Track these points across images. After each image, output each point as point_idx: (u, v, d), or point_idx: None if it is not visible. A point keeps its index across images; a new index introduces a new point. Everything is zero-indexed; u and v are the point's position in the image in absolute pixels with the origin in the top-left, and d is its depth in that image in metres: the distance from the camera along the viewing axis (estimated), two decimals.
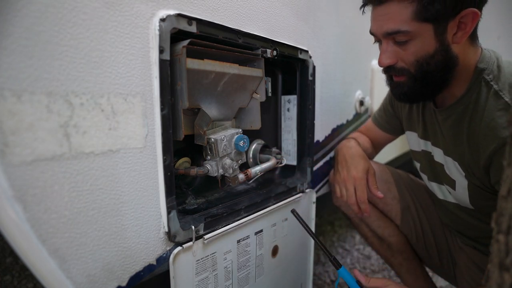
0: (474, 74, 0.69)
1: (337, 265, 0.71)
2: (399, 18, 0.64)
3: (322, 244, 0.73)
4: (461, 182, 0.75)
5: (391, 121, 1.02)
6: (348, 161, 0.87)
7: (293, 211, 0.77)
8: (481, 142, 0.67)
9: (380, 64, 0.73)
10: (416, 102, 0.84)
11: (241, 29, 0.66)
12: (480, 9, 0.63)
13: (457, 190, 0.78)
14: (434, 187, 0.89)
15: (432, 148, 0.84)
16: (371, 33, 0.73)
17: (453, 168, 0.77)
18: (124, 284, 0.50)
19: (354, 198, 0.83)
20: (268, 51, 0.74)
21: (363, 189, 0.83)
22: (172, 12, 0.52)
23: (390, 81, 0.78)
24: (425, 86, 0.71)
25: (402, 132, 1.03)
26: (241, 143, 0.72)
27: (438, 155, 0.81)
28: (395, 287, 0.70)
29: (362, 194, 0.83)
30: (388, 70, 0.75)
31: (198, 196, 0.75)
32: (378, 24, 0.69)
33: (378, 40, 0.74)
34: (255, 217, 0.74)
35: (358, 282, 0.70)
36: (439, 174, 0.84)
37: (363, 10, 0.73)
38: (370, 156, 1.07)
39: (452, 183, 0.79)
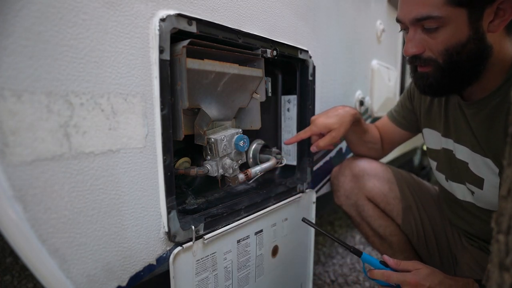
0: None
1: (359, 253, 0.71)
2: (431, 1, 0.59)
3: (339, 240, 0.74)
4: (491, 180, 0.70)
5: (407, 116, 0.98)
6: (330, 111, 0.88)
7: (304, 220, 0.79)
8: None
9: (405, 53, 0.68)
10: (441, 96, 0.79)
11: (241, 29, 0.66)
12: None
13: (485, 189, 0.73)
14: (453, 186, 0.85)
15: (454, 146, 0.79)
16: (398, 20, 0.68)
17: (482, 166, 0.71)
18: (124, 284, 0.50)
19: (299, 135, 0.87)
20: (268, 51, 0.74)
21: (306, 132, 0.86)
22: (172, 12, 0.52)
23: (414, 71, 0.72)
24: (453, 78, 0.66)
25: (418, 130, 0.99)
26: (241, 143, 0.72)
27: (462, 152, 0.76)
28: (426, 270, 0.66)
29: (303, 134, 0.86)
30: (413, 60, 0.69)
31: (198, 196, 0.75)
32: (407, 9, 0.64)
33: (404, 27, 0.69)
34: (255, 217, 0.74)
35: (385, 264, 0.70)
36: (460, 173, 0.80)
37: None
38: (374, 149, 1.05)
39: (479, 182, 0.74)
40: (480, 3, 0.58)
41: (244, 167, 0.80)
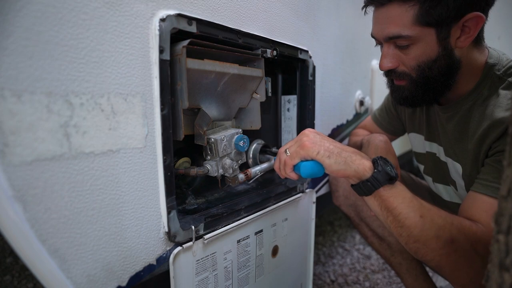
0: (484, 70, 0.67)
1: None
2: (400, 22, 0.63)
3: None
4: (460, 183, 0.75)
5: (393, 122, 1.01)
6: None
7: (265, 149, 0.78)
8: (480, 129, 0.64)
9: (381, 68, 0.72)
10: (417, 106, 0.83)
11: (241, 29, 0.66)
12: (486, 13, 0.62)
13: (458, 191, 0.77)
14: (439, 188, 0.87)
15: (438, 149, 0.83)
16: (372, 36, 0.72)
17: (452, 169, 0.76)
18: (124, 284, 0.50)
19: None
20: (268, 51, 0.74)
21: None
22: (172, 12, 0.52)
23: (391, 84, 0.76)
24: (426, 91, 0.69)
25: (403, 133, 1.02)
26: (241, 143, 0.72)
27: (443, 154, 0.80)
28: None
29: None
30: (389, 74, 0.73)
31: (198, 196, 0.75)
32: (379, 28, 0.67)
33: (379, 43, 0.73)
34: (255, 217, 0.74)
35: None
36: (445, 175, 0.82)
37: (365, 10, 0.72)
38: None
39: (454, 184, 0.78)
40: (446, 22, 0.61)
41: (244, 167, 0.80)
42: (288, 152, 0.61)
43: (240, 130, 0.74)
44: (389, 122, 1.02)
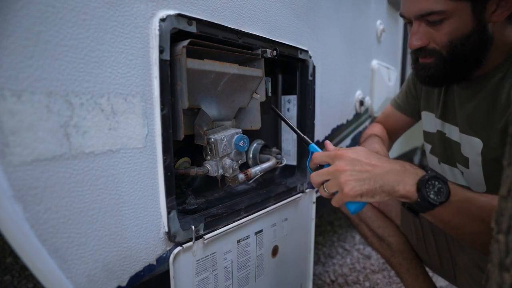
0: None
1: (307, 142, 0.68)
2: None
3: (294, 127, 0.73)
4: (475, 159, 0.72)
5: (411, 102, 0.98)
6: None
7: (272, 107, 0.80)
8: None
9: (410, 46, 0.69)
10: (440, 86, 0.80)
11: (241, 29, 0.66)
12: None
13: (470, 168, 0.74)
14: (445, 169, 0.85)
15: (450, 128, 0.80)
16: (401, 15, 0.69)
17: (467, 146, 0.73)
18: (124, 284, 0.50)
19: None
20: (268, 51, 0.74)
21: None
22: (172, 12, 0.52)
23: (415, 62, 0.73)
24: (455, 68, 0.67)
25: (420, 116, 0.99)
26: (241, 143, 0.72)
27: (455, 133, 0.78)
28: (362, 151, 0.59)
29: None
30: (417, 52, 0.70)
31: (198, 196, 0.75)
32: (411, 5, 0.65)
33: (409, 21, 0.70)
34: (255, 217, 0.74)
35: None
36: (453, 155, 0.80)
37: None
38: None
39: (465, 162, 0.75)
40: None
41: (244, 167, 0.80)
42: (326, 190, 0.57)
43: (240, 130, 0.74)
44: (408, 103, 0.99)
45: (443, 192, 0.51)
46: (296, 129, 0.73)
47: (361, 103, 1.28)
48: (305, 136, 0.70)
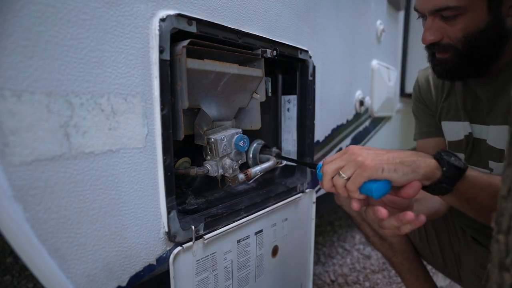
0: None
1: (314, 166, 0.63)
2: None
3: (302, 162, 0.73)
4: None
5: (430, 122, 0.93)
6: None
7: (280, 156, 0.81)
8: None
9: (423, 41, 0.69)
10: (460, 79, 0.78)
11: (241, 29, 0.66)
12: None
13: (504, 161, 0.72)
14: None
15: (472, 127, 0.78)
16: (416, 9, 0.69)
17: (497, 138, 0.71)
18: (124, 284, 0.50)
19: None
20: (268, 51, 0.74)
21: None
22: (172, 12, 0.52)
23: (431, 58, 0.72)
24: (472, 62, 0.66)
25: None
26: (241, 143, 0.72)
27: (484, 132, 0.75)
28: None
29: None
30: (431, 47, 0.70)
31: (198, 196, 0.75)
32: (424, 0, 0.64)
33: (422, 15, 0.69)
34: (255, 217, 0.74)
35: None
36: (482, 155, 0.78)
37: None
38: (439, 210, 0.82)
39: (498, 154, 0.72)
40: None
41: (244, 167, 0.80)
42: (343, 175, 0.53)
43: (240, 130, 0.74)
44: (428, 124, 0.93)
45: (461, 161, 0.51)
46: (300, 161, 0.72)
47: (361, 103, 1.27)
48: (309, 163, 0.70)
